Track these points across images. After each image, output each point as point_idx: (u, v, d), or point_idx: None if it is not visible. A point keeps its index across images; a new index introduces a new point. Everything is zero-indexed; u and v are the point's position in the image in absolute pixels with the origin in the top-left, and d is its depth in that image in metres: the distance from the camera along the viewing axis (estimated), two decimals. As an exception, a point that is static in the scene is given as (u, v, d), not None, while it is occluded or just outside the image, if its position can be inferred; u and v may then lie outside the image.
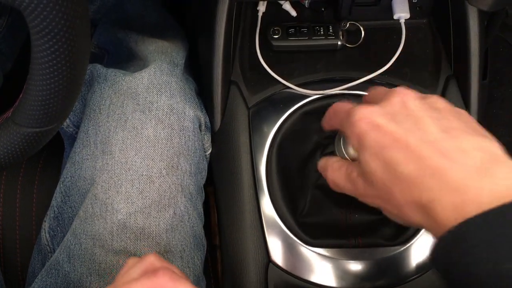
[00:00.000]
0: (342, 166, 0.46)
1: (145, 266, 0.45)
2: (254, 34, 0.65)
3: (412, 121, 0.40)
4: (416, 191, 0.37)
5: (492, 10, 0.51)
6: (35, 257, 0.64)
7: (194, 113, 0.62)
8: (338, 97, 0.61)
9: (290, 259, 0.57)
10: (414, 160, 0.37)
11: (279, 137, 0.60)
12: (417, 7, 0.65)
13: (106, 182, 0.57)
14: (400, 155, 0.38)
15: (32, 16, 0.35)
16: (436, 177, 0.36)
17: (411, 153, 0.38)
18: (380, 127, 0.40)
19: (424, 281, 0.57)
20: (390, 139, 0.39)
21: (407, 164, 0.38)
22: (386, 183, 0.39)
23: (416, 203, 0.37)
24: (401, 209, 0.39)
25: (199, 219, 0.62)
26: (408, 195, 0.37)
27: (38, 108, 0.40)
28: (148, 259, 0.45)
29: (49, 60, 0.37)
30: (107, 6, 0.78)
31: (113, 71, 0.63)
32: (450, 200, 0.35)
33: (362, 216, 0.59)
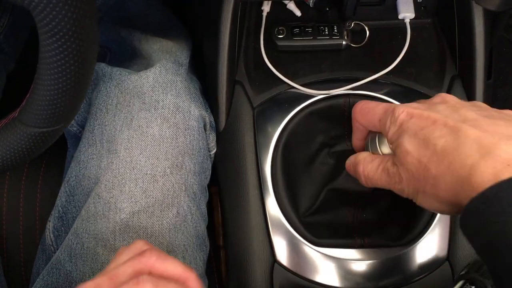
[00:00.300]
0: (375, 159, 0.47)
1: (133, 251, 0.44)
2: (259, 34, 0.65)
3: (451, 109, 0.42)
4: (453, 160, 0.38)
5: (500, 10, 0.51)
6: (39, 257, 0.63)
7: (199, 112, 0.62)
8: (343, 97, 0.61)
9: (296, 259, 0.57)
10: (452, 134, 0.39)
11: (284, 137, 0.60)
12: (422, 7, 0.65)
13: (109, 181, 0.57)
14: (437, 132, 0.40)
15: (41, 16, 0.35)
16: (474, 144, 0.37)
17: (448, 128, 0.39)
18: (420, 114, 0.42)
19: (429, 282, 0.57)
20: (429, 122, 0.41)
21: (444, 137, 0.39)
22: (422, 160, 0.40)
23: (452, 173, 0.38)
24: (436, 185, 0.40)
25: (202, 219, 0.62)
26: (444, 165, 0.39)
27: (46, 108, 0.40)
28: (137, 244, 0.44)
29: (58, 60, 0.37)
30: (108, 5, 0.77)
31: (118, 70, 0.63)
32: (490, 164, 0.36)
33: (369, 216, 0.59)
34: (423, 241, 0.57)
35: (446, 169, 0.38)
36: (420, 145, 0.41)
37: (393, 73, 0.63)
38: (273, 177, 0.59)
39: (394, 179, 0.44)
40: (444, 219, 0.57)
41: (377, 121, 0.47)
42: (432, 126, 0.41)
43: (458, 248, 0.57)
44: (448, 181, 0.38)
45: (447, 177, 0.38)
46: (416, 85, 0.63)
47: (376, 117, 0.47)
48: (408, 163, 0.42)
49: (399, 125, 0.43)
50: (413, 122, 0.42)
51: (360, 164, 0.49)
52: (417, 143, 0.41)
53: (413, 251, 0.56)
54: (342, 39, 0.64)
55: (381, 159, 0.47)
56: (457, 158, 0.38)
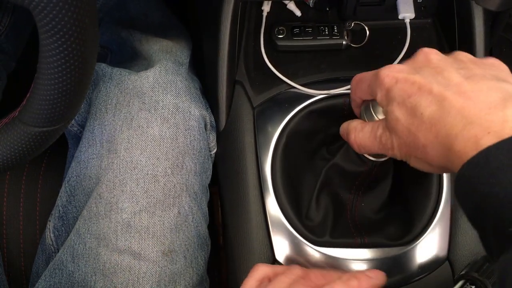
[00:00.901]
0: (366, 126, 0.48)
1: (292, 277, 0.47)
2: (259, 34, 0.65)
3: (435, 71, 0.42)
4: (439, 129, 0.39)
5: (500, 10, 0.51)
6: (39, 257, 0.64)
7: (199, 112, 0.62)
8: (343, 97, 0.61)
9: (296, 258, 0.57)
10: (437, 102, 0.40)
11: (284, 137, 0.60)
12: (421, 7, 0.66)
13: (111, 181, 0.57)
14: (423, 100, 0.41)
15: (41, 16, 0.35)
16: (458, 114, 0.38)
17: (434, 96, 0.40)
18: (406, 79, 0.42)
19: (429, 282, 0.57)
20: (415, 88, 0.42)
21: (430, 106, 0.40)
22: (410, 128, 0.41)
23: (439, 142, 0.39)
24: (425, 151, 0.41)
25: (204, 219, 0.62)
26: (431, 135, 0.40)
27: (46, 107, 0.40)
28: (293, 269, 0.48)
29: (58, 59, 0.37)
30: (109, 5, 0.78)
31: (118, 70, 0.63)
32: (472, 132, 0.37)
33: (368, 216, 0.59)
34: (423, 241, 0.57)
35: (434, 138, 0.40)
36: (408, 113, 0.41)
37: (393, 73, 0.63)
38: (273, 177, 0.59)
39: (386, 145, 0.45)
40: (444, 219, 0.57)
41: (366, 87, 0.47)
42: (418, 93, 0.41)
43: (458, 248, 0.57)
44: (437, 149, 0.40)
45: (436, 145, 0.40)
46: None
47: (366, 84, 0.48)
48: (398, 130, 0.42)
49: (386, 90, 0.44)
50: (399, 87, 0.43)
51: (352, 133, 0.49)
52: (405, 111, 0.42)
53: (413, 251, 0.57)
54: (342, 39, 0.64)
55: (371, 126, 0.47)
56: (443, 128, 0.39)
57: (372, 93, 0.46)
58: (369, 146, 0.48)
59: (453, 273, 0.57)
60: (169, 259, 0.56)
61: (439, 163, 0.41)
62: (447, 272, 0.57)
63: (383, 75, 0.44)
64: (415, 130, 0.41)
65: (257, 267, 0.49)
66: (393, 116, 0.43)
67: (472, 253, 0.57)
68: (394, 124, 0.43)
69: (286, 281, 0.46)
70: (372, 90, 0.46)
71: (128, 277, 0.54)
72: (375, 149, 0.47)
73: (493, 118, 0.37)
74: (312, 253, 0.56)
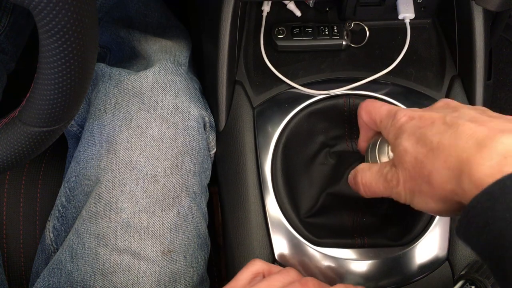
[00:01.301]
0: (373, 166, 0.47)
1: (287, 279, 0.46)
2: (259, 34, 0.65)
3: (452, 109, 0.42)
4: (449, 154, 0.38)
5: (499, 10, 0.51)
6: (38, 257, 0.64)
7: (198, 112, 0.62)
8: (343, 97, 0.61)
9: (296, 258, 0.57)
10: (449, 129, 0.39)
11: (284, 137, 0.60)
12: (421, 7, 0.65)
13: (110, 181, 0.57)
14: (434, 129, 0.40)
15: (41, 16, 0.35)
16: (470, 139, 0.37)
17: (446, 125, 0.40)
18: (421, 116, 0.42)
19: (429, 282, 0.57)
20: (428, 121, 0.41)
21: (441, 134, 0.39)
22: (418, 157, 0.40)
23: (448, 167, 0.38)
24: (432, 182, 0.39)
25: (203, 219, 0.62)
26: (440, 161, 0.38)
27: (46, 107, 0.40)
28: (290, 273, 0.47)
29: (58, 59, 0.37)
30: (109, 5, 0.78)
31: (117, 70, 0.63)
32: (487, 156, 0.35)
33: (368, 216, 0.59)
34: (423, 241, 0.57)
35: (443, 164, 0.38)
36: (418, 142, 0.41)
37: (393, 73, 0.63)
38: (273, 177, 0.59)
39: (391, 183, 0.44)
40: (444, 219, 0.57)
41: (378, 121, 0.48)
42: (430, 125, 0.41)
43: (458, 248, 0.57)
44: (445, 176, 0.38)
45: (444, 172, 0.38)
46: (416, 85, 0.64)
47: (378, 117, 0.48)
48: (405, 161, 0.42)
49: (399, 126, 0.44)
50: (413, 123, 0.43)
51: (358, 174, 0.48)
52: (414, 141, 0.41)
53: (413, 251, 0.56)
54: (342, 39, 0.65)
55: (379, 166, 0.47)
56: (453, 153, 0.37)
57: (383, 129, 0.46)
58: (374, 187, 0.47)
59: (453, 273, 0.57)
60: (169, 259, 0.56)
61: (446, 194, 0.39)
62: (447, 272, 0.57)
63: (400, 114, 0.44)
64: (423, 157, 0.40)
65: (254, 261, 0.49)
66: (401, 148, 0.42)
67: (472, 254, 0.57)
68: (402, 155, 0.42)
69: (281, 281, 0.46)
70: (384, 127, 0.46)
71: (128, 276, 0.54)
72: (380, 188, 0.46)
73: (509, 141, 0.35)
74: (312, 253, 0.56)
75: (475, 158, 0.36)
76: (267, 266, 0.49)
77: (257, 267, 0.49)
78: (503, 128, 0.37)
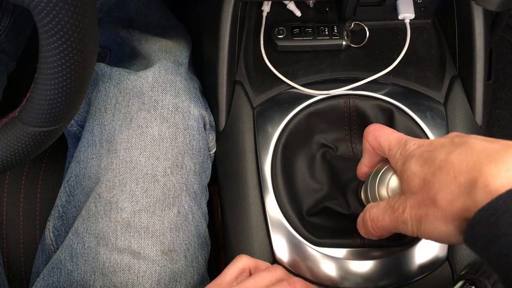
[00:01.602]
0: (379, 203, 0.47)
1: (274, 277, 0.46)
2: (259, 34, 0.65)
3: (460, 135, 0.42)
4: (461, 170, 0.37)
5: (499, 10, 0.51)
6: (39, 257, 0.64)
7: (198, 112, 0.62)
8: (343, 97, 0.61)
9: (295, 259, 0.57)
10: (458, 147, 0.39)
11: (284, 137, 0.60)
12: (421, 7, 0.65)
13: (110, 181, 0.57)
14: (444, 149, 0.40)
15: (41, 16, 0.35)
16: (483, 154, 0.37)
17: (453, 145, 0.40)
18: (430, 142, 0.43)
19: (429, 282, 0.57)
20: (437, 145, 0.41)
21: (451, 152, 0.39)
22: (426, 177, 0.40)
23: (459, 184, 0.37)
24: (439, 201, 0.38)
25: (204, 219, 0.62)
26: (450, 178, 0.38)
27: (46, 107, 0.40)
28: (277, 271, 0.47)
29: (58, 59, 0.37)
30: (109, 5, 0.78)
31: (117, 70, 0.63)
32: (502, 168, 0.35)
33: None
34: (423, 241, 0.57)
35: (452, 180, 0.38)
36: (425, 163, 0.40)
37: (393, 73, 0.63)
38: (273, 177, 0.59)
39: (397, 212, 0.43)
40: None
41: (387, 149, 0.47)
42: (440, 147, 0.41)
43: (458, 248, 0.57)
44: (454, 193, 0.37)
45: (452, 188, 0.38)
46: (416, 85, 0.64)
47: (387, 144, 0.47)
48: (413, 184, 0.41)
49: (408, 154, 0.43)
50: (422, 149, 0.43)
51: (367, 211, 0.48)
52: (422, 162, 0.41)
53: (413, 251, 0.56)
54: (342, 40, 0.65)
55: (387, 200, 0.46)
56: (464, 167, 0.37)
57: (391, 157, 0.46)
58: (381, 220, 0.45)
59: (452, 274, 0.57)
60: (169, 259, 0.56)
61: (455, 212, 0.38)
62: (447, 272, 0.57)
63: (410, 143, 0.44)
64: (430, 177, 0.39)
65: (240, 257, 0.49)
66: (409, 172, 0.42)
67: (472, 254, 0.57)
68: (410, 179, 0.42)
69: (268, 279, 0.46)
70: (392, 153, 0.46)
71: (128, 276, 0.54)
72: (386, 221, 0.45)
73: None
74: (312, 254, 0.56)
75: (490, 169, 0.35)
76: (254, 262, 0.49)
77: (243, 263, 0.49)
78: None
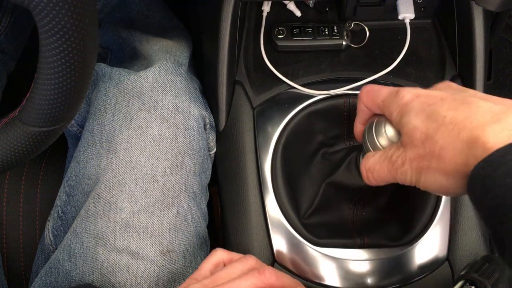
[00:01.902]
0: (377, 152, 0.47)
1: (246, 266, 0.47)
2: (259, 34, 0.65)
3: (458, 90, 0.43)
4: (463, 127, 0.38)
5: (499, 10, 0.51)
6: (38, 257, 0.64)
7: (199, 112, 0.62)
8: (343, 97, 0.61)
9: (295, 259, 0.57)
10: (463, 105, 0.39)
11: (284, 137, 0.60)
12: (421, 7, 0.65)
13: (110, 181, 0.57)
14: (446, 104, 0.40)
15: (41, 16, 0.35)
16: (488, 113, 0.38)
17: (457, 101, 0.40)
18: (427, 94, 0.42)
19: (429, 282, 0.57)
20: (437, 98, 0.41)
21: (454, 109, 0.39)
22: (429, 132, 0.40)
23: (463, 139, 0.38)
24: (442, 156, 0.39)
25: (203, 219, 0.62)
26: (454, 134, 0.38)
27: (46, 107, 0.40)
28: (249, 260, 0.48)
29: (58, 59, 0.37)
30: (111, 5, 0.78)
31: (117, 70, 0.63)
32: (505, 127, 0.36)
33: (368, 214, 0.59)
34: (423, 241, 0.57)
35: (456, 137, 0.38)
36: (428, 118, 0.41)
37: (393, 73, 0.63)
38: (273, 177, 0.59)
39: (396, 163, 0.44)
40: (444, 219, 0.57)
41: (380, 101, 0.47)
42: (440, 101, 0.41)
43: (458, 248, 0.57)
44: (458, 149, 0.38)
45: (457, 144, 0.38)
46: (416, 86, 0.63)
47: (380, 98, 0.47)
48: (415, 138, 0.41)
49: (404, 104, 0.43)
50: (419, 100, 0.42)
51: (363, 161, 0.49)
52: (424, 117, 0.41)
53: (413, 251, 0.57)
54: (342, 40, 0.65)
55: (383, 151, 0.47)
56: (469, 125, 0.38)
57: (386, 108, 0.46)
58: (378, 170, 0.46)
59: (452, 274, 0.57)
60: (168, 259, 0.56)
61: (457, 167, 0.39)
62: (446, 273, 0.57)
63: (404, 91, 0.44)
64: (433, 133, 0.40)
65: (214, 251, 0.50)
66: (410, 126, 0.42)
67: (472, 254, 0.57)
68: (412, 133, 0.42)
69: (240, 269, 0.47)
70: (385, 104, 0.46)
71: (126, 276, 0.54)
72: (384, 171, 0.46)
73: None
74: (311, 254, 0.56)
75: (493, 127, 0.36)
76: (228, 254, 0.50)
77: (217, 257, 0.50)
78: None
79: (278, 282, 0.46)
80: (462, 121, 0.38)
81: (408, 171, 0.43)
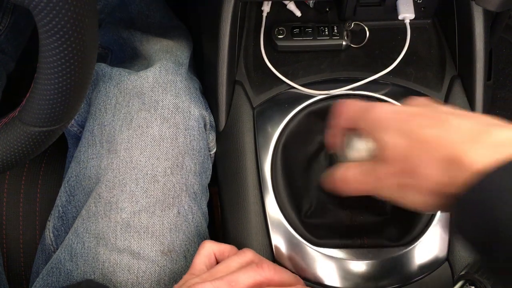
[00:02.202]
0: (351, 165, 0.46)
1: (244, 260, 0.47)
2: (259, 34, 0.65)
3: (433, 107, 0.42)
4: (442, 147, 0.37)
5: (499, 10, 0.51)
6: (38, 257, 0.64)
7: (199, 112, 0.62)
8: (343, 97, 0.61)
9: (295, 259, 0.57)
10: (439, 123, 0.39)
11: (283, 137, 0.60)
12: (421, 7, 0.66)
13: (110, 181, 0.57)
14: (423, 122, 0.39)
15: (41, 16, 0.35)
16: (466, 132, 0.37)
17: (435, 119, 0.39)
18: (400, 110, 0.42)
19: (429, 282, 0.57)
20: (412, 115, 0.41)
21: (431, 127, 0.39)
22: (407, 150, 0.39)
23: (439, 160, 0.37)
24: (419, 174, 0.38)
25: (204, 219, 0.62)
26: (430, 155, 0.38)
27: (46, 107, 0.40)
28: (247, 253, 0.48)
29: (58, 59, 0.37)
30: (111, 6, 0.78)
31: (117, 70, 0.63)
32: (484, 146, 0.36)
33: (367, 217, 0.59)
34: (423, 241, 0.57)
35: (432, 157, 0.38)
36: (405, 136, 0.40)
37: (393, 73, 0.63)
38: (273, 177, 0.59)
39: (379, 177, 0.42)
40: (444, 219, 0.57)
41: (351, 114, 0.46)
42: (416, 118, 0.40)
43: (458, 248, 0.57)
44: (434, 169, 0.38)
45: (433, 164, 0.38)
46: (416, 86, 0.64)
47: (351, 113, 0.46)
48: (388, 156, 0.40)
49: (377, 119, 0.42)
50: (394, 116, 0.41)
51: (336, 172, 0.46)
52: (401, 135, 0.40)
53: (413, 251, 0.56)
54: (342, 40, 0.65)
55: (358, 163, 0.45)
56: (446, 145, 0.37)
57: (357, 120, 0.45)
58: (351, 181, 0.45)
59: (452, 274, 0.57)
60: (169, 259, 0.56)
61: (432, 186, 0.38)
62: (446, 273, 0.57)
63: (378, 106, 0.43)
64: (411, 151, 0.39)
65: (203, 244, 0.50)
66: (383, 143, 0.41)
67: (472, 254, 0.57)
68: (389, 152, 0.40)
69: (238, 262, 0.47)
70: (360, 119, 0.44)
71: (127, 276, 0.54)
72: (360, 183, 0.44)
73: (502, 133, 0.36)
74: (311, 254, 0.56)
75: (473, 147, 0.36)
76: (217, 246, 0.50)
77: (207, 249, 0.50)
78: (495, 123, 0.38)
79: (277, 276, 0.46)
80: (439, 140, 0.38)
81: (385, 189, 0.42)
